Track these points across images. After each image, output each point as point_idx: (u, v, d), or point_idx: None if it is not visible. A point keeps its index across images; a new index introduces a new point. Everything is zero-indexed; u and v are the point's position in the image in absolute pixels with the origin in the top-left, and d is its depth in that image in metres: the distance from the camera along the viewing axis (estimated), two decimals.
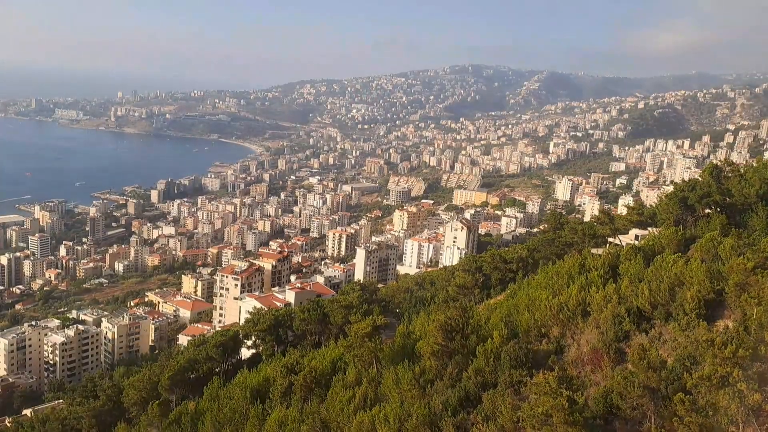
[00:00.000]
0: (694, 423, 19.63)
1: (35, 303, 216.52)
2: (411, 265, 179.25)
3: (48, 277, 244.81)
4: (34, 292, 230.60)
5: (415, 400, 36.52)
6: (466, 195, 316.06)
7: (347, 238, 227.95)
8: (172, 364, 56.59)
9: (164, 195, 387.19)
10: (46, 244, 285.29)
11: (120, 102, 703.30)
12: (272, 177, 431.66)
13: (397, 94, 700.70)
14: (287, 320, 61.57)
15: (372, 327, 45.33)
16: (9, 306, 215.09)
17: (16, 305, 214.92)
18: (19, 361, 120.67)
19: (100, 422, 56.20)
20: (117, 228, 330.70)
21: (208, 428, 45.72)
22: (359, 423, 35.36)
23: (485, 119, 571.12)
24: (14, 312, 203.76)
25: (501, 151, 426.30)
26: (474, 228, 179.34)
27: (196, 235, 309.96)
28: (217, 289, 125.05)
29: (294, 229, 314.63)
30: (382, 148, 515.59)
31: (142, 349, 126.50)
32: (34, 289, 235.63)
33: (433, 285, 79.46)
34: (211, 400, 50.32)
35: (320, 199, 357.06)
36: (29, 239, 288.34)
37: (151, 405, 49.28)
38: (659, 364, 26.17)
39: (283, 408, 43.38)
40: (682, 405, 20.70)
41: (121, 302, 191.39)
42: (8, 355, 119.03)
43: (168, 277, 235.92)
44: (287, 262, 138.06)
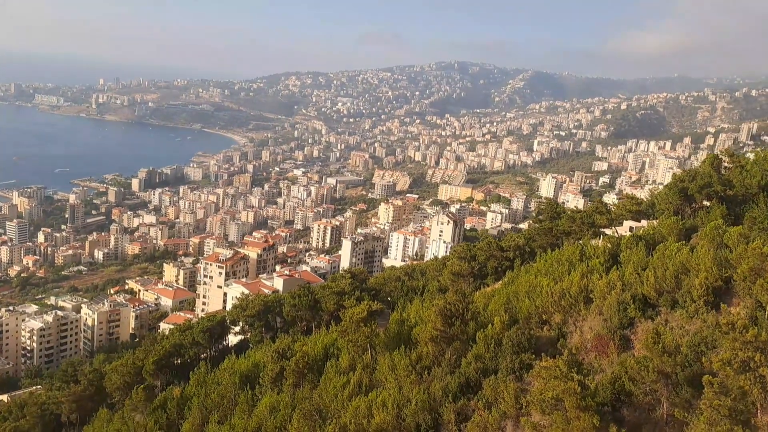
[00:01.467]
0: (723, 406, 18.82)
1: (12, 289, 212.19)
2: (396, 258, 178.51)
3: (26, 264, 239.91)
4: (11, 279, 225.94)
5: (414, 386, 35.65)
6: (451, 190, 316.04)
7: (332, 230, 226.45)
8: (157, 348, 55.01)
9: (145, 184, 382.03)
10: (24, 230, 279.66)
11: (102, 89, 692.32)
12: (256, 168, 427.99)
13: (383, 88, 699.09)
14: (276, 306, 60.30)
15: (367, 312, 44.25)
16: None
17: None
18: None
19: (80, 407, 54.54)
20: (97, 216, 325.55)
21: (195, 414, 44.33)
22: (355, 408, 34.33)
23: (470, 116, 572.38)
24: None
25: (486, 148, 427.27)
26: (460, 222, 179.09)
27: (177, 224, 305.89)
28: (201, 277, 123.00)
29: (277, 221, 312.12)
30: (367, 142, 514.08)
31: (123, 337, 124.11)
32: (11, 275, 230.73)
33: (423, 275, 78.54)
34: (198, 385, 48.92)
35: (304, 191, 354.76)
36: (7, 225, 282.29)
37: (136, 389, 47.77)
38: (674, 348, 25.48)
39: (274, 394, 42.22)
40: (711, 388, 19.88)
41: (100, 290, 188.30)
42: None
43: (149, 266, 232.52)
44: (272, 252, 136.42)
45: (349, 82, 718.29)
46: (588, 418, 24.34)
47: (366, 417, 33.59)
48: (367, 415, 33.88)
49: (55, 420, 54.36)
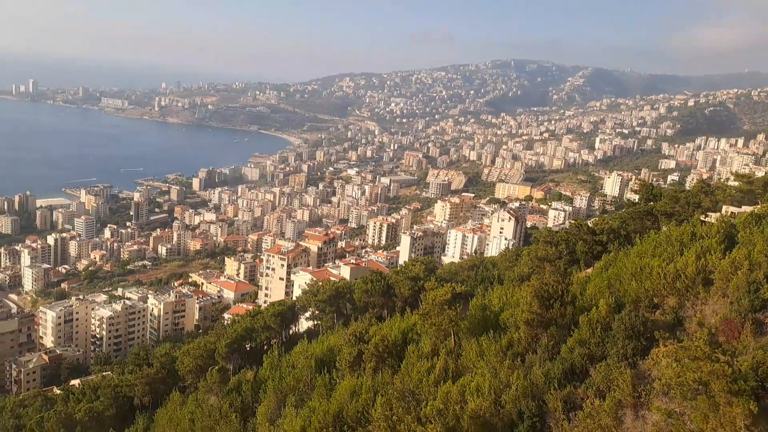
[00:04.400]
0: None
1: (80, 282, 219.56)
2: (454, 255, 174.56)
3: (93, 258, 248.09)
4: (80, 272, 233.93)
5: (511, 371, 32.75)
6: (509, 189, 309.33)
7: (388, 227, 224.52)
8: (229, 332, 53.86)
9: (205, 183, 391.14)
10: (91, 226, 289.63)
11: (164, 92, 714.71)
12: (310, 168, 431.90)
13: (437, 88, 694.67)
14: (347, 292, 58.25)
15: (451, 294, 41.51)
16: (55, 284, 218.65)
17: (62, 283, 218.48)
18: (66, 334, 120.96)
19: (153, 390, 53.82)
20: (160, 213, 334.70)
21: (271, 397, 42.62)
22: (445, 394, 31.59)
23: (527, 115, 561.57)
24: (60, 290, 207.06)
25: (544, 146, 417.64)
26: (522, 219, 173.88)
27: (236, 222, 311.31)
28: (263, 269, 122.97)
29: (332, 219, 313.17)
30: (420, 141, 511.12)
31: (188, 327, 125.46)
32: (79, 269, 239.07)
33: (495, 266, 75.22)
34: (271, 368, 47.31)
35: (359, 190, 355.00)
36: (75, 221, 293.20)
37: (211, 371, 46.49)
38: None
39: (354, 378, 40.02)
40: None
41: (164, 283, 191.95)
42: (56, 328, 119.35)
43: (209, 261, 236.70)
44: (333, 245, 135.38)
45: (402, 83, 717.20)
46: (742, 403, 20.90)
47: (459, 403, 30.96)
48: (459, 401, 31.27)
49: (128, 402, 53.83)
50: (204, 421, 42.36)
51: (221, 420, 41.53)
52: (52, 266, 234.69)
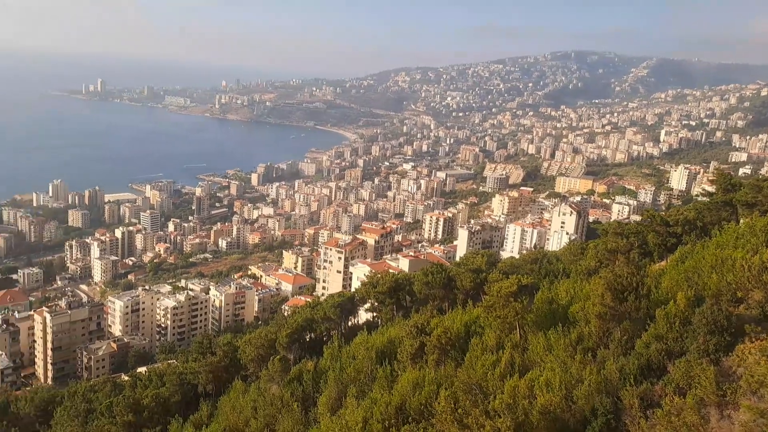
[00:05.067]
0: None
1: (146, 274, 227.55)
2: (513, 250, 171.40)
3: (158, 251, 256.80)
4: (145, 264, 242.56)
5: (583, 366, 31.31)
6: (569, 183, 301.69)
7: (445, 221, 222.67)
8: (290, 322, 54.05)
9: (263, 178, 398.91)
10: (156, 220, 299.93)
11: (224, 90, 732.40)
12: (366, 163, 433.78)
13: (494, 81, 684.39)
14: (407, 284, 57.47)
15: (517, 285, 40.17)
16: (122, 276, 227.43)
17: (129, 275, 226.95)
18: (133, 323, 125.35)
19: (216, 378, 54.63)
20: (220, 208, 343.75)
21: (332, 387, 42.36)
22: (513, 388, 30.40)
23: (588, 107, 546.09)
24: (127, 281, 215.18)
25: (606, 139, 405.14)
26: (584, 213, 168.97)
27: (293, 216, 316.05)
28: (321, 262, 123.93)
29: (388, 214, 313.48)
30: (477, 135, 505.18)
31: (247, 318, 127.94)
32: (144, 261, 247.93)
33: (558, 260, 72.95)
34: (332, 359, 47.16)
35: (414, 184, 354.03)
36: (141, 215, 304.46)
37: (272, 360, 46.71)
38: None
39: (416, 370, 39.31)
40: None
41: (224, 276, 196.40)
42: (123, 317, 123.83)
43: (268, 255, 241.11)
44: (390, 238, 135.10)
45: (458, 76, 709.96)
46: None
47: (527, 398, 29.81)
48: (528, 396, 30.12)
49: (192, 390, 54.79)
50: (266, 409, 42.53)
51: (283, 409, 41.56)
52: (119, 258, 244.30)
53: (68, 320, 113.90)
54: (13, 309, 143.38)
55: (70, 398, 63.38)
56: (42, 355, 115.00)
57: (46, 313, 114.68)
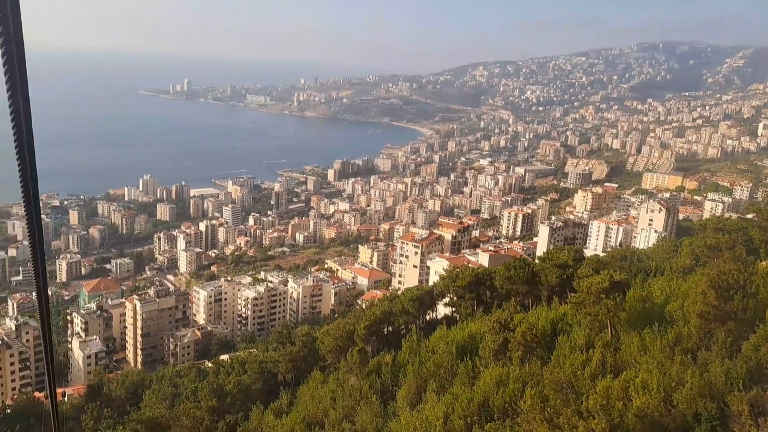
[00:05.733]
0: None
1: (227, 266, 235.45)
2: (596, 248, 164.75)
3: (238, 244, 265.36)
4: (227, 257, 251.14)
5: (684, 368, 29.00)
6: (657, 179, 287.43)
7: (523, 217, 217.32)
8: (368, 314, 53.74)
9: (340, 174, 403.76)
10: (237, 214, 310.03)
11: (302, 88, 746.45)
12: (442, 158, 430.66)
13: (576, 74, 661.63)
14: (487, 279, 55.86)
15: (609, 282, 37.95)
16: (206, 267, 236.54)
17: (212, 267, 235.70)
18: (215, 313, 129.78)
19: (295, 367, 55.16)
20: (298, 203, 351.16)
21: (411, 381, 41.60)
22: (605, 389, 28.47)
23: (677, 100, 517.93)
24: (210, 272, 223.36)
25: (698, 134, 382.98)
26: (673, 210, 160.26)
27: (368, 211, 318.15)
28: (397, 256, 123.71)
29: (464, 210, 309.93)
30: (557, 130, 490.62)
31: (324, 311, 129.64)
32: (226, 253, 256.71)
33: (649, 258, 69.02)
34: (410, 352, 46.41)
35: (491, 180, 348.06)
36: (223, 209, 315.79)
37: (351, 352, 46.49)
38: None
39: (499, 366, 37.87)
40: None
41: (302, 269, 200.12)
42: (207, 306, 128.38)
43: (343, 249, 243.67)
44: (467, 234, 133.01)
45: (539, 70, 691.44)
46: None
47: (621, 399, 27.89)
48: (622, 397, 28.19)
49: (272, 378, 55.60)
50: (345, 400, 42.34)
51: (362, 400, 41.20)
52: (203, 250, 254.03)
53: (156, 308, 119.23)
54: (106, 296, 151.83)
55: (158, 382, 66.00)
56: (132, 341, 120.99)
57: (137, 301, 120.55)
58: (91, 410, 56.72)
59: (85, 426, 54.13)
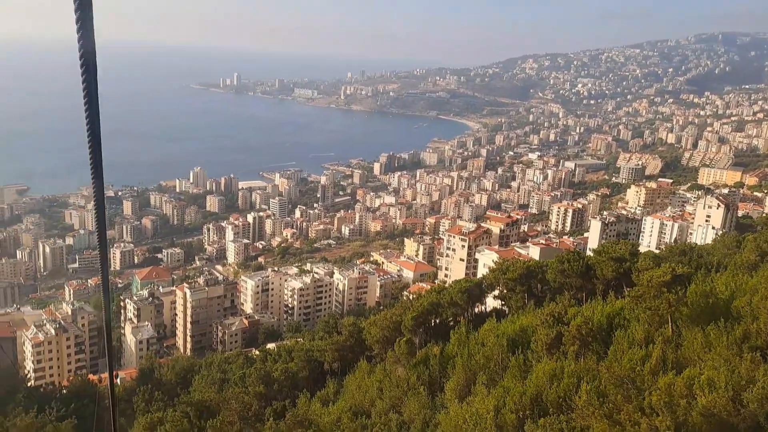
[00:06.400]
0: None
1: (274, 257, 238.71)
2: (650, 245, 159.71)
3: (285, 236, 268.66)
4: (274, 248, 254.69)
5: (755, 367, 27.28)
6: (714, 174, 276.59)
7: (573, 212, 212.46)
8: (415, 305, 53.06)
9: (385, 167, 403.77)
10: (283, 206, 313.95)
11: (349, 81, 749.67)
12: (489, 152, 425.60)
13: (630, 66, 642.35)
14: (539, 272, 54.37)
15: (671, 275, 36.17)
16: (253, 258, 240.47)
17: (259, 258, 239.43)
18: (262, 302, 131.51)
19: (341, 357, 54.98)
20: (343, 196, 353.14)
21: (460, 373, 40.70)
22: (668, 386, 26.97)
23: (737, 93, 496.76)
24: (257, 263, 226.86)
25: (758, 128, 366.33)
26: (732, 206, 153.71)
27: (414, 205, 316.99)
28: (443, 250, 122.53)
29: (511, 204, 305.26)
30: (609, 124, 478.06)
31: (369, 303, 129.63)
32: (273, 245, 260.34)
33: (709, 254, 66.09)
34: (459, 344, 45.49)
35: (540, 174, 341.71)
36: (270, 201, 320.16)
37: (398, 342, 45.83)
38: None
39: (552, 361, 36.62)
40: None
41: (347, 261, 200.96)
42: (254, 296, 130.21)
43: (389, 243, 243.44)
44: (516, 227, 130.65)
45: (590, 62, 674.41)
46: None
47: (685, 397, 26.37)
48: (686, 395, 26.65)
49: (319, 367, 55.55)
50: (392, 391, 41.78)
51: (409, 391, 40.58)
52: (250, 242, 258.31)
53: (206, 296, 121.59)
54: (157, 284, 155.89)
55: (207, 368, 67.04)
56: (182, 328, 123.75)
57: (187, 289, 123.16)
58: (142, 393, 58.19)
59: (136, 408, 55.56)
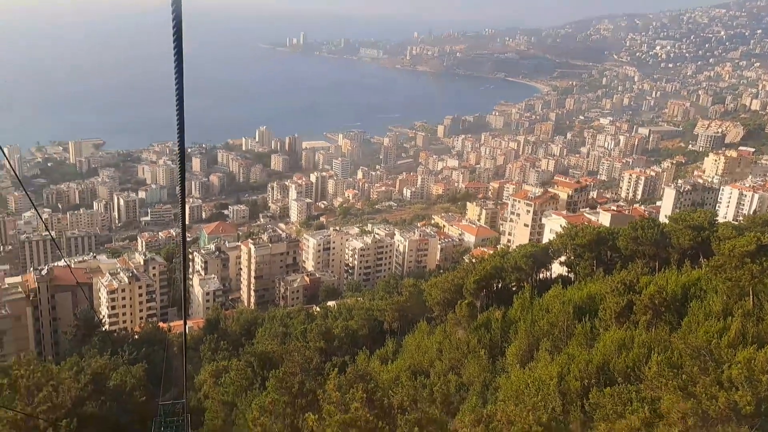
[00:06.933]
0: None
1: (336, 217, 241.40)
2: (726, 215, 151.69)
3: (347, 196, 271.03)
4: (335, 208, 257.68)
5: None
6: None
7: (645, 180, 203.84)
8: (478, 268, 52.07)
9: (449, 130, 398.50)
10: (346, 167, 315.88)
11: (415, 41, 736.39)
12: (558, 117, 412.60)
13: (714, 28, 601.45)
14: (610, 238, 52.21)
15: (756, 244, 33.76)
16: (315, 217, 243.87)
17: (321, 217, 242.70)
18: (323, 260, 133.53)
19: (401, 317, 54.98)
20: (406, 158, 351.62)
21: (522, 338, 39.81)
22: (747, 361, 25.28)
23: None
24: (319, 223, 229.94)
25: None
26: None
27: (477, 169, 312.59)
28: (507, 214, 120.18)
29: (579, 170, 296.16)
30: (688, 89, 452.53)
31: (429, 266, 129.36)
32: (335, 205, 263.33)
33: None
34: (522, 310, 44.47)
35: (612, 140, 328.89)
36: (333, 162, 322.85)
37: (460, 304, 45.25)
38: None
39: (621, 330, 35.18)
40: None
41: (408, 223, 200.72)
42: (315, 254, 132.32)
43: (450, 206, 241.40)
44: (584, 193, 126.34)
45: (670, 23, 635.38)
46: None
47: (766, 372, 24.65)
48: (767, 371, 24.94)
49: (378, 326, 55.79)
50: (451, 352, 41.41)
51: (469, 354, 40.09)
52: (313, 201, 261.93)
53: (269, 253, 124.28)
54: (223, 239, 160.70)
55: (270, 321, 68.69)
56: (246, 282, 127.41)
57: (251, 245, 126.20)
58: (209, 342, 60.32)
59: (203, 356, 57.76)
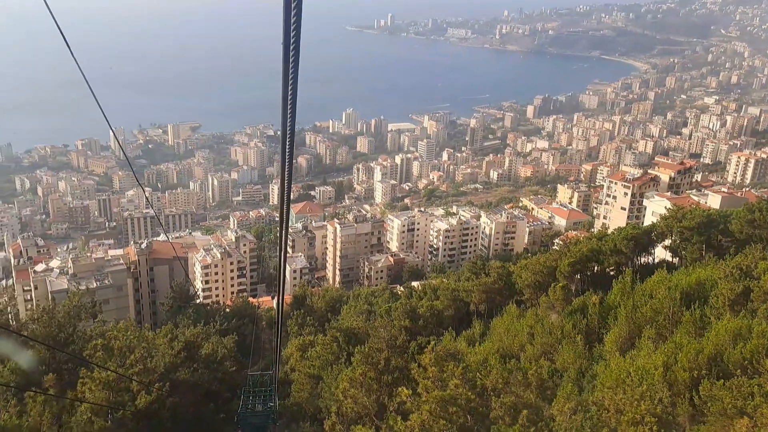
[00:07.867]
0: None
1: (420, 199, 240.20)
2: None
3: (431, 178, 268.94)
4: (420, 190, 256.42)
5: None
6: None
7: (756, 163, 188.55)
8: (573, 250, 49.10)
9: (539, 111, 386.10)
10: (431, 149, 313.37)
11: (505, 20, 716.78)
12: (657, 96, 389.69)
13: None
14: (721, 222, 47.68)
15: None
16: (399, 199, 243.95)
17: (405, 199, 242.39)
18: (407, 242, 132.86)
19: (488, 299, 52.94)
20: (493, 140, 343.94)
21: (622, 325, 36.83)
22: None
23: None
24: (403, 204, 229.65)
25: None
26: None
27: (569, 150, 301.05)
28: (603, 197, 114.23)
29: (681, 152, 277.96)
30: None
31: (517, 249, 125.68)
32: (419, 187, 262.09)
33: None
34: (622, 295, 41.26)
35: (717, 120, 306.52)
36: (418, 144, 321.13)
37: (553, 287, 42.68)
38: None
39: (737, 318, 31.71)
40: None
41: (494, 206, 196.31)
42: (400, 235, 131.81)
43: (539, 189, 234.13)
44: (689, 175, 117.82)
45: None
46: None
47: None
48: None
49: (464, 307, 54.18)
50: (544, 337, 39.03)
51: (563, 339, 37.56)
52: (397, 183, 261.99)
53: (354, 232, 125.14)
54: (310, 219, 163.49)
55: (354, 299, 68.77)
56: (332, 261, 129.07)
57: (337, 225, 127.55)
58: (296, 317, 61.36)
59: (290, 330, 58.95)
